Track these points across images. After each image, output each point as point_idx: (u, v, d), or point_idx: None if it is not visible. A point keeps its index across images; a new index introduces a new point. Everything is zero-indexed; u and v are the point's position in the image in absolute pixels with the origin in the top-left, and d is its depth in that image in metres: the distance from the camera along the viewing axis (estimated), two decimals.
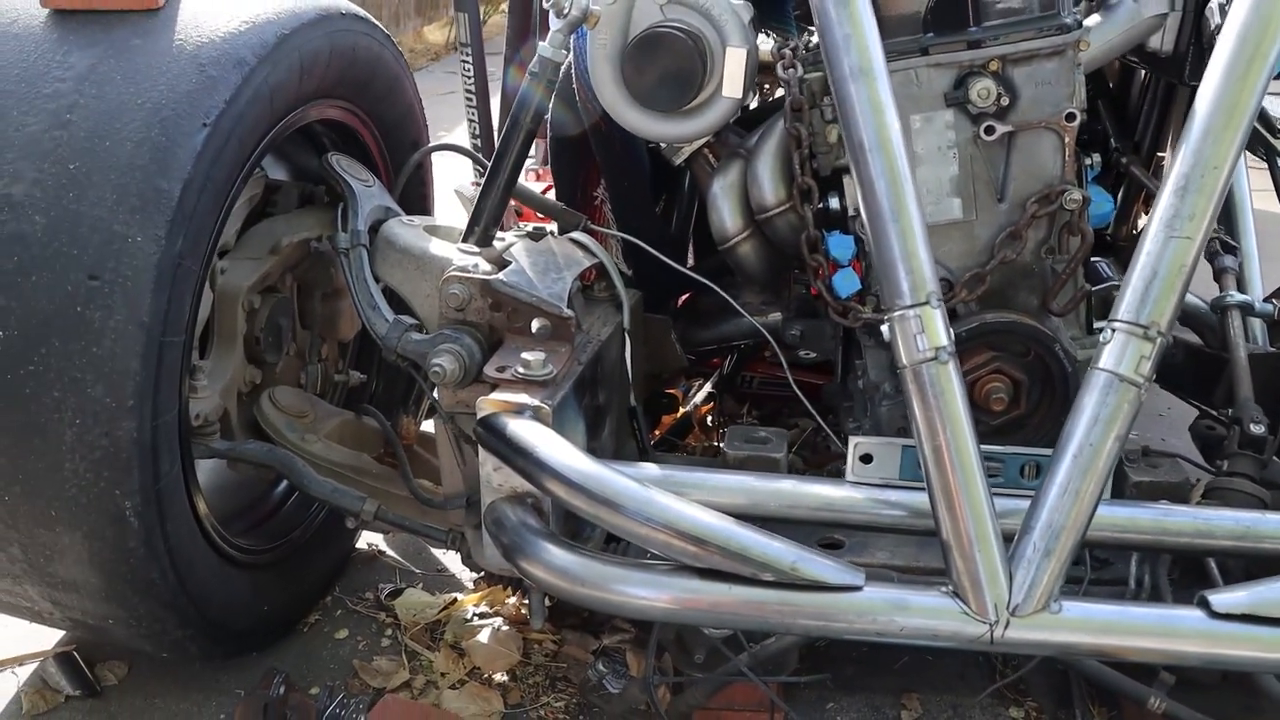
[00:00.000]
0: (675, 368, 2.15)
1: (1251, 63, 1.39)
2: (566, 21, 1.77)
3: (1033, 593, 1.35)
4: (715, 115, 1.86)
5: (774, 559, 1.37)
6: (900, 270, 1.38)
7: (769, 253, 1.96)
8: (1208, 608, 1.37)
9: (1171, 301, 1.38)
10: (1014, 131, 1.73)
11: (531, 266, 1.80)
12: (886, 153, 1.40)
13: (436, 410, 1.75)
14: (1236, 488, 1.79)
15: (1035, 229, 1.77)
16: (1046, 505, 1.37)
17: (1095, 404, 1.37)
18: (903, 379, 1.39)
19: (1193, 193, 1.39)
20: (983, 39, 1.71)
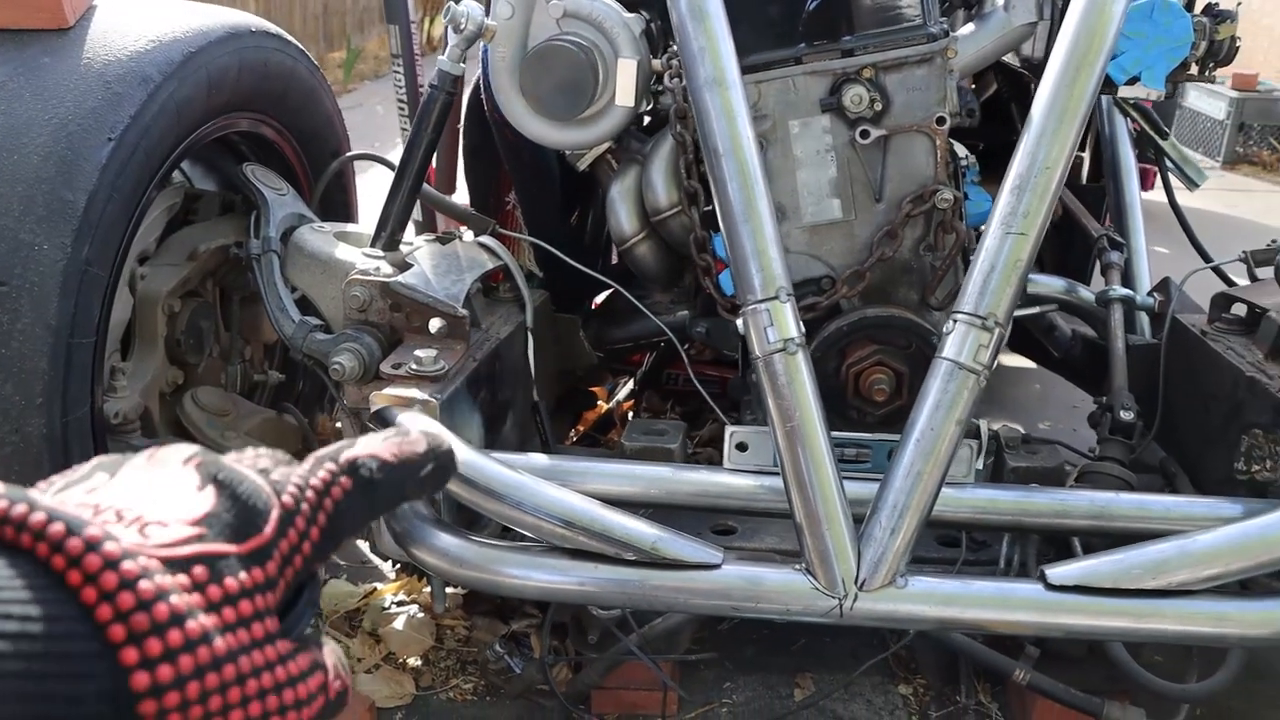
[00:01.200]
0: (585, 365, 2.24)
1: (1079, 70, 1.48)
2: (463, 36, 1.86)
3: (879, 569, 1.44)
4: (610, 123, 1.95)
5: (635, 538, 1.46)
6: (751, 267, 1.47)
7: (665, 253, 2.05)
8: (1045, 580, 1.46)
9: (1008, 294, 1.46)
10: (888, 135, 1.82)
11: (433, 269, 1.89)
12: (739, 157, 1.49)
13: (338, 406, 1.83)
14: (1105, 471, 1.88)
15: (912, 227, 1.86)
16: (893, 487, 1.45)
17: (937, 391, 1.46)
18: (755, 369, 1.48)
19: (1028, 192, 1.48)
20: (855, 48, 1.80)
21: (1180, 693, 1.71)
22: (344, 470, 0.49)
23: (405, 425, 0.59)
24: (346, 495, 0.49)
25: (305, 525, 0.47)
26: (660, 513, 1.80)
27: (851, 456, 1.74)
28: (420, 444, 0.53)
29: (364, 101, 7.12)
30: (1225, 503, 1.67)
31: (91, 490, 0.45)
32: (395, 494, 0.52)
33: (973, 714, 1.96)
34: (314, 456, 0.50)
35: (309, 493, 0.48)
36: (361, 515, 0.50)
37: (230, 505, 0.45)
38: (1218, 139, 6.23)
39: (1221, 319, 2.01)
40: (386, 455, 0.51)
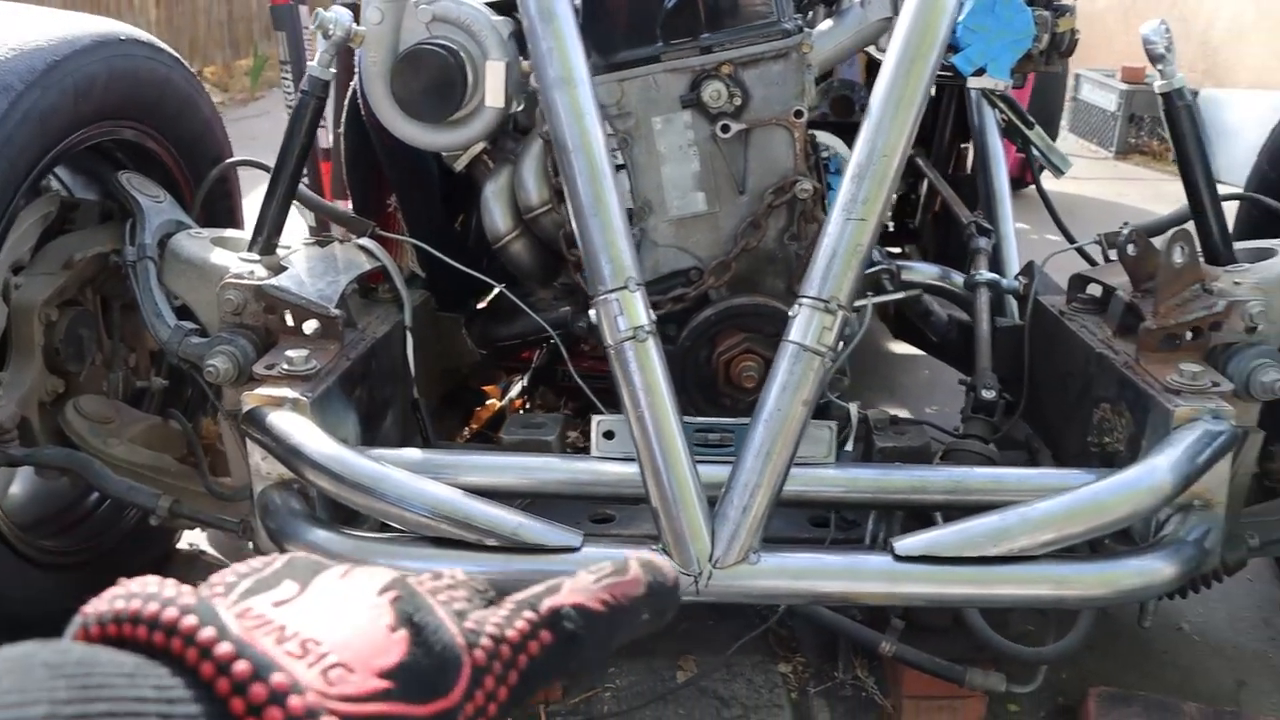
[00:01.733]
0: (468, 362, 2.28)
1: (914, 63, 1.55)
2: (331, 42, 1.89)
3: (733, 546, 1.49)
4: (482, 124, 1.99)
5: (497, 525, 1.50)
6: (602, 259, 1.52)
7: (539, 250, 2.09)
8: (893, 552, 1.52)
9: (849, 278, 1.53)
10: (748, 129, 1.87)
11: (308, 272, 1.91)
12: (588, 154, 1.54)
13: (218, 409, 1.86)
14: (967, 448, 1.96)
15: (775, 218, 1.92)
16: (744, 467, 1.51)
17: (784, 373, 1.52)
18: (609, 357, 1.53)
19: (867, 179, 1.54)
20: (713, 45, 1.86)
21: (1035, 655, 1.79)
22: (544, 622, 0.45)
23: (626, 560, 0.50)
24: (544, 650, 0.45)
25: (494, 686, 0.43)
26: (545, 505, 1.85)
27: (715, 441, 1.79)
28: (638, 585, 0.48)
29: (272, 109, 7.09)
30: (1073, 473, 1.75)
31: (279, 604, 0.42)
32: (601, 646, 0.47)
33: (850, 688, 2.02)
34: (514, 600, 0.46)
35: (503, 648, 0.44)
36: (557, 673, 0.46)
37: (422, 657, 0.41)
38: (1110, 130, 6.41)
39: (1078, 299, 2.09)
40: (596, 604, 0.46)
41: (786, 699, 1.99)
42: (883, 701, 1.99)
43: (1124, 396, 1.79)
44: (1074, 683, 2.02)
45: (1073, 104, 6.82)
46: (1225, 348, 1.80)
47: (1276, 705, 2.02)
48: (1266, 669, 2.12)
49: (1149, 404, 1.71)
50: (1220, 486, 1.67)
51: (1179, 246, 1.79)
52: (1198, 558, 1.63)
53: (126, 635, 0.38)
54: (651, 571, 0.49)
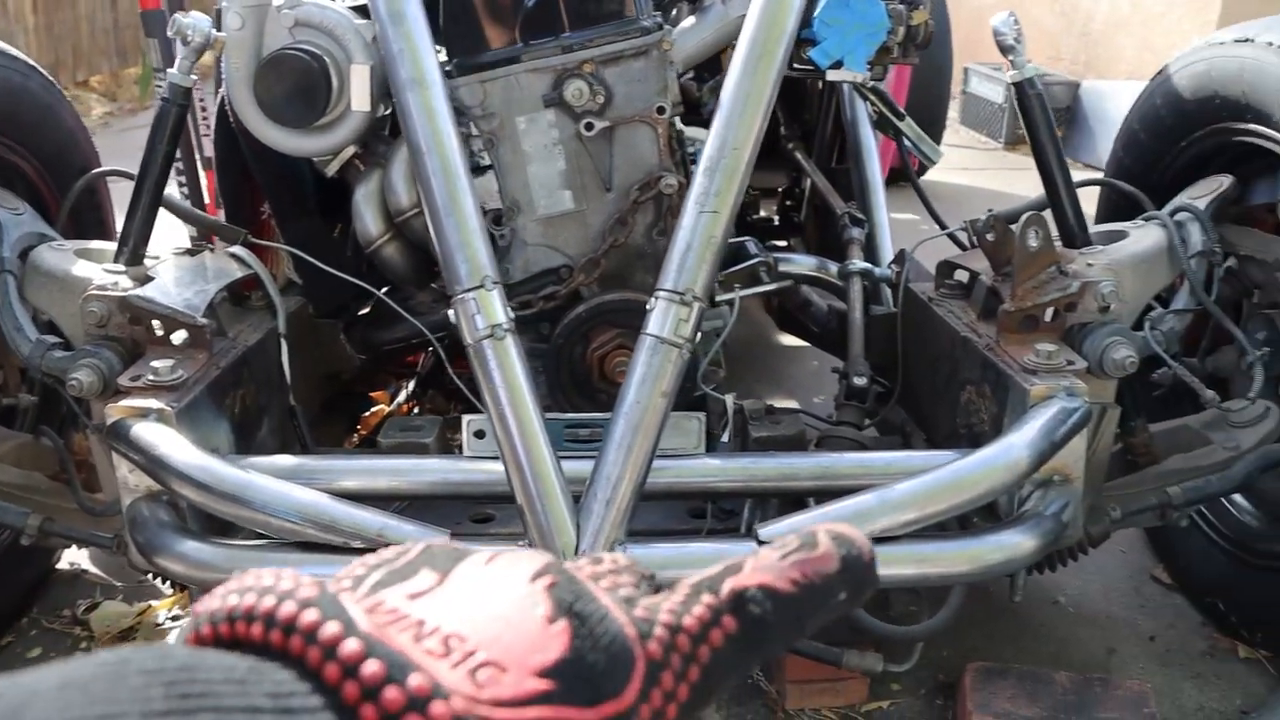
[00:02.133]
0: (348, 368, 2.27)
1: (762, 58, 1.58)
2: (191, 48, 1.87)
3: (598, 539, 1.51)
4: (349, 128, 1.98)
5: (361, 527, 1.50)
6: (458, 258, 1.53)
7: (412, 253, 2.09)
8: (757, 539, 1.55)
9: (704, 270, 1.55)
10: (612, 126, 1.89)
11: (175, 281, 1.89)
12: (441, 154, 1.55)
13: (85, 423, 1.83)
14: (839, 434, 2.00)
15: (642, 214, 1.94)
16: (607, 460, 1.53)
17: (643, 365, 1.54)
18: (468, 356, 1.54)
19: (719, 172, 1.57)
20: (574, 44, 1.87)
21: (906, 633, 1.82)
22: (727, 606, 0.40)
23: (815, 534, 0.43)
24: (728, 640, 0.39)
25: (673, 683, 0.38)
26: (427, 507, 1.85)
27: (586, 436, 1.81)
28: (831, 560, 0.42)
29: None
30: (938, 454, 1.79)
31: (415, 596, 0.37)
32: (793, 630, 0.42)
33: None
34: (690, 583, 0.41)
35: (681, 638, 0.38)
36: (744, 664, 0.40)
37: (587, 652, 0.36)
38: (999, 122, 6.55)
39: (945, 285, 2.14)
40: (786, 584, 0.41)
41: None
42: (767, 687, 2.01)
43: (986, 378, 1.84)
44: (954, 660, 2.07)
45: (963, 97, 6.96)
46: (1081, 327, 1.85)
47: (1144, 670, 2.09)
48: (1135, 636, 2.18)
49: (1008, 384, 1.76)
50: (1077, 462, 1.73)
51: (1033, 230, 1.84)
52: (1056, 531, 1.68)
53: (241, 635, 0.34)
54: (844, 545, 0.42)
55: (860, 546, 0.43)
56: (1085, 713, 1.85)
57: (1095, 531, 1.89)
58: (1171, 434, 2.09)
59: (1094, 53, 6.53)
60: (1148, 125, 2.27)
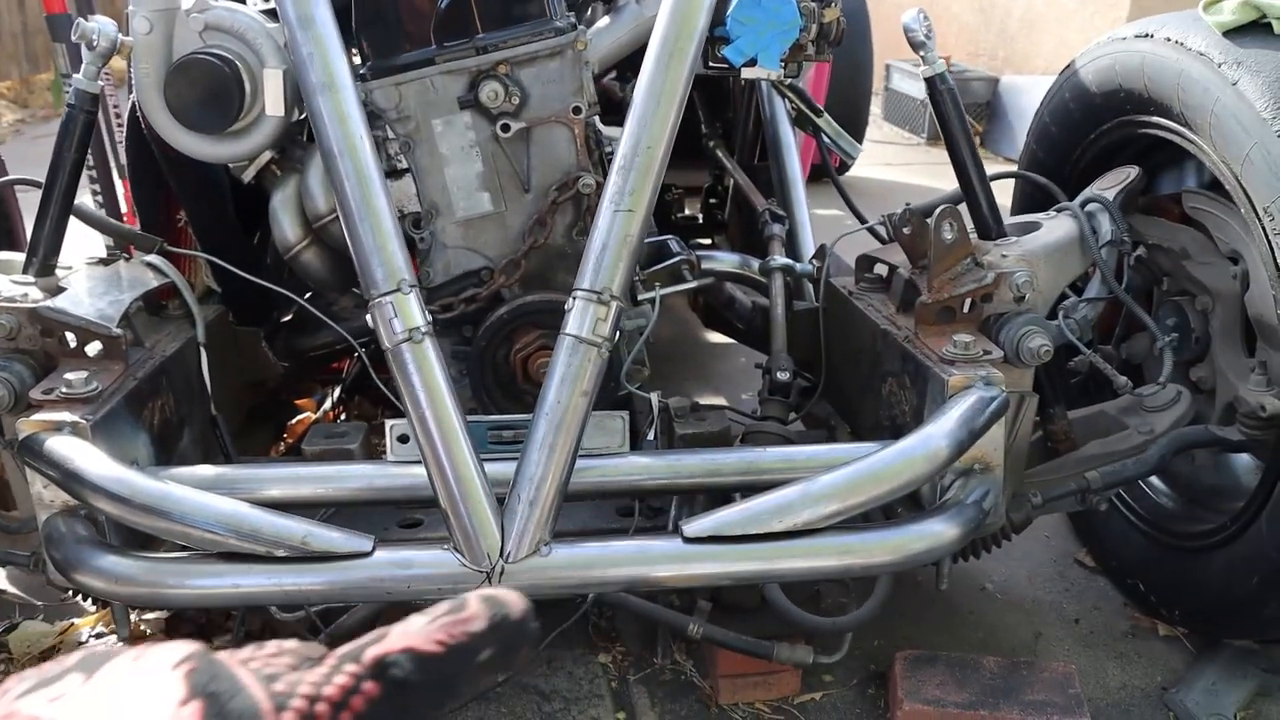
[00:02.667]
0: (272, 375, 2.24)
1: (673, 57, 1.59)
2: (96, 53, 1.84)
3: (523, 541, 1.51)
4: (264, 134, 1.96)
5: (285, 535, 1.48)
6: (373, 262, 1.52)
7: (331, 258, 2.07)
8: (681, 534, 1.55)
9: (620, 269, 1.56)
10: (529, 127, 1.89)
11: (89, 291, 1.86)
12: (354, 157, 1.53)
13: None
14: (764, 430, 2.01)
15: (561, 214, 1.94)
16: (529, 461, 1.53)
17: (562, 365, 1.54)
18: (387, 360, 1.53)
19: (634, 171, 1.57)
20: (487, 45, 1.86)
21: (833, 625, 1.84)
22: (369, 673, 0.41)
23: (466, 598, 0.46)
24: (371, 705, 0.41)
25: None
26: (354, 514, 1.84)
27: (510, 438, 1.80)
28: (478, 620, 0.44)
29: None
30: (861, 447, 1.81)
31: (56, 699, 0.38)
32: (441, 690, 0.43)
33: (669, 672, 2.05)
34: (338, 654, 0.43)
35: (320, 706, 0.40)
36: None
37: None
38: (920, 118, 6.63)
39: (865, 278, 2.17)
40: (430, 646, 0.43)
41: (607, 688, 2.01)
42: (701, 683, 2.02)
43: (906, 370, 1.87)
44: (885, 649, 2.10)
45: (885, 93, 7.03)
46: (997, 318, 1.89)
47: (1069, 652, 2.12)
48: (1060, 619, 2.22)
49: (927, 375, 1.78)
50: (997, 450, 1.75)
51: (947, 223, 1.87)
52: (978, 518, 1.70)
53: None
54: (494, 606, 0.45)
55: (511, 607, 0.45)
56: (1013, 696, 1.88)
57: (1017, 518, 1.92)
58: (1089, 420, 2.14)
59: (1012, 48, 6.64)
60: (1058, 118, 2.32)
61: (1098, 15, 5.68)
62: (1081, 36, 5.74)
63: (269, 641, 0.44)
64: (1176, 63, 1.92)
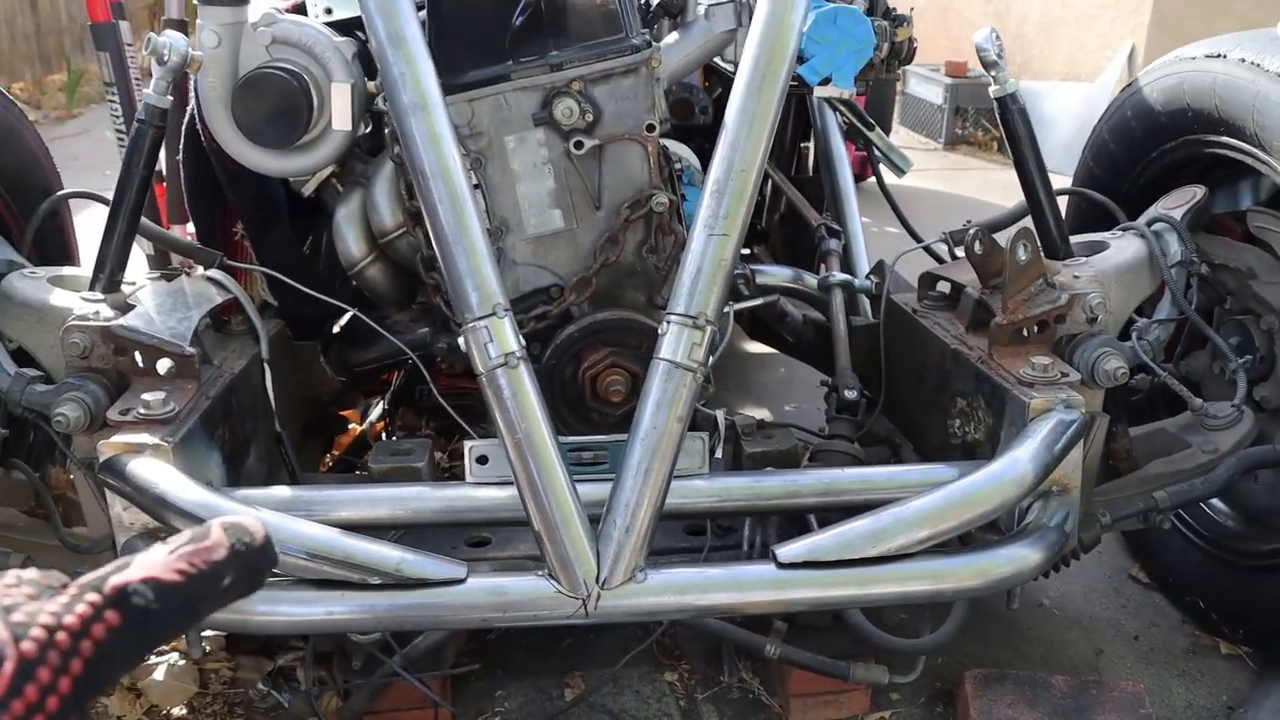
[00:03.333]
0: (329, 390, 2.22)
1: (765, 79, 1.57)
2: (167, 68, 1.81)
3: (618, 566, 1.49)
4: (330, 148, 1.95)
5: (379, 562, 1.47)
6: (468, 286, 1.50)
7: (396, 274, 2.06)
8: (775, 560, 1.54)
9: (715, 293, 1.54)
10: (602, 144, 1.87)
11: (157, 308, 1.84)
12: (447, 179, 1.52)
13: (69, 458, 1.77)
14: (834, 448, 2.00)
15: (632, 232, 1.93)
16: (624, 486, 1.51)
17: (657, 390, 1.52)
18: (480, 384, 1.51)
19: (727, 195, 1.56)
20: (563, 62, 1.85)
21: (913, 646, 1.84)
22: (110, 602, 0.42)
23: (209, 526, 0.47)
24: (112, 633, 0.42)
25: (52, 677, 0.40)
26: (419, 531, 1.82)
27: (589, 459, 1.79)
28: (219, 549, 0.45)
29: (91, 127, 6.80)
30: (938, 467, 1.81)
31: None
32: (184, 617, 0.44)
33: (737, 691, 2.04)
34: (79, 583, 0.43)
35: (60, 635, 0.41)
36: (134, 652, 0.43)
37: None
38: (938, 122, 6.64)
39: (928, 296, 2.16)
40: (170, 575, 0.43)
41: (675, 707, 2.00)
42: (770, 702, 2.02)
43: (980, 390, 1.86)
44: (950, 667, 2.09)
45: (902, 98, 7.03)
46: (1069, 339, 1.88)
47: (1131, 669, 2.12)
48: (1119, 636, 2.22)
49: (1004, 396, 1.77)
50: (1075, 472, 1.75)
51: (1022, 244, 1.86)
52: (1060, 542, 1.70)
53: None
54: (236, 534, 0.46)
55: (254, 535, 0.46)
56: (1084, 716, 1.88)
57: (1087, 538, 1.92)
58: (1149, 438, 2.13)
59: (1028, 54, 6.64)
60: (1118, 136, 2.31)
61: (1118, 20, 5.68)
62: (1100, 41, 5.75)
63: (6, 571, 0.44)
64: (1252, 84, 1.91)
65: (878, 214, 3.32)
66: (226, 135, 1.94)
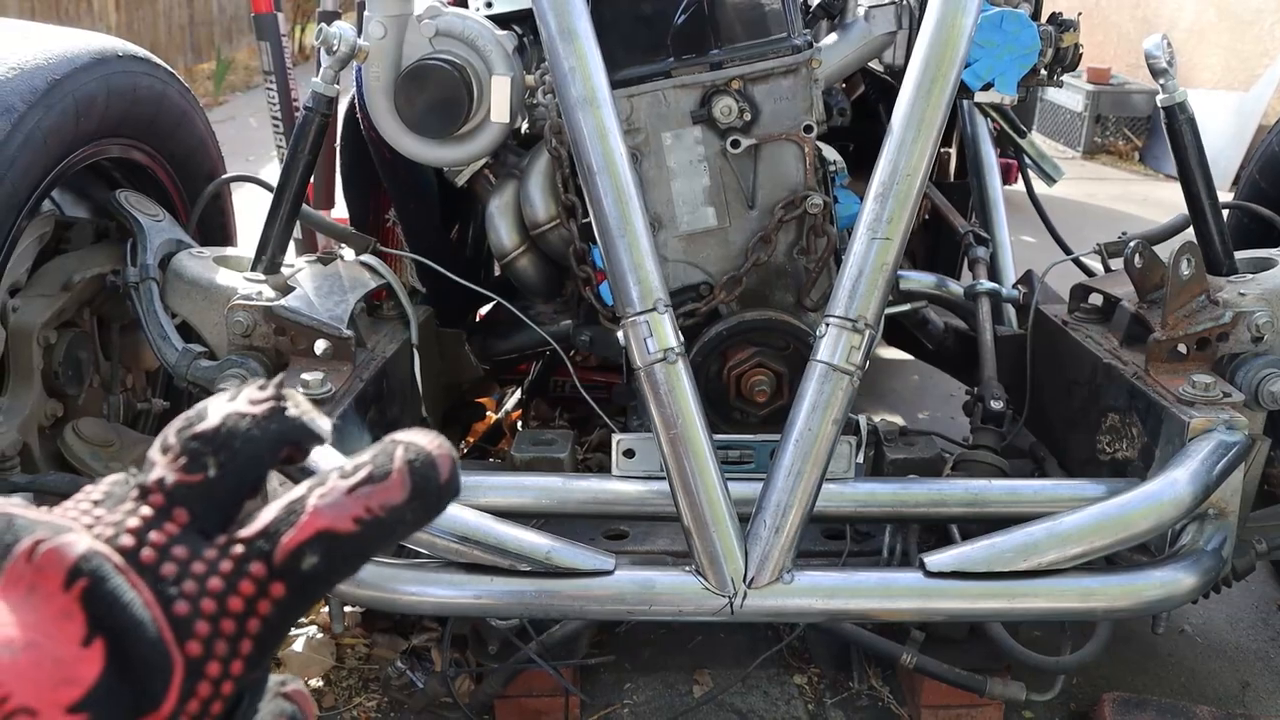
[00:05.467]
0: (471, 377, 2.26)
1: (935, 82, 1.56)
2: (336, 58, 1.86)
3: (765, 566, 1.49)
4: (487, 139, 1.98)
5: (529, 550, 1.49)
6: (629, 281, 1.51)
7: (546, 265, 2.08)
8: (924, 568, 1.53)
9: (875, 297, 1.53)
10: (758, 144, 1.87)
11: (315, 291, 1.89)
12: (613, 174, 1.53)
13: None
14: (978, 459, 1.97)
15: (784, 232, 1.92)
16: (775, 487, 1.51)
17: (813, 392, 1.52)
18: (637, 379, 1.53)
19: (891, 199, 1.55)
20: (723, 60, 1.85)
21: (1055, 664, 1.80)
22: (278, 573, 0.37)
23: (392, 453, 0.39)
24: (277, 606, 0.37)
25: (219, 672, 0.36)
26: (556, 520, 1.84)
27: (735, 458, 1.79)
28: (400, 491, 0.38)
29: (236, 114, 7.01)
30: (1089, 484, 1.77)
31: None
32: (350, 571, 0.39)
33: (866, 698, 2.03)
34: (242, 540, 0.37)
35: (225, 623, 0.36)
36: (301, 612, 0.39)
37: (122, 669, 0.34)
38: (1077, 130, 6.48)
39: (1080, 309, 2.11)
40: (345, 523, 0.37)
41: (804, 710, 1.99)
42: (899, 711, 2.00)
43: (1134, 407, 1.81)
44: (1085, 688, 2.05)
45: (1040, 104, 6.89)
46: (1231, 358, 1.82)
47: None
48: (1268, 670, 2.15)
49: (1162, 415, 1.72)
50: (1234, 496, 1.70)
51: (1186, 259, 1.81)
52: (1216, 567, 1.65)
53: None
54: (421, 468, 0.38)
55: (439, 466, 0.39)
56: None
57: (1240, 565, 1.86)
58: None
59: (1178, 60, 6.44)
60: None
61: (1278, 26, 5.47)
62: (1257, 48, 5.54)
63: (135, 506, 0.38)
64: None
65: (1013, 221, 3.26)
66: (387, 124, 1.98)
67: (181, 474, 0.39)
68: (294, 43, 6.74)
